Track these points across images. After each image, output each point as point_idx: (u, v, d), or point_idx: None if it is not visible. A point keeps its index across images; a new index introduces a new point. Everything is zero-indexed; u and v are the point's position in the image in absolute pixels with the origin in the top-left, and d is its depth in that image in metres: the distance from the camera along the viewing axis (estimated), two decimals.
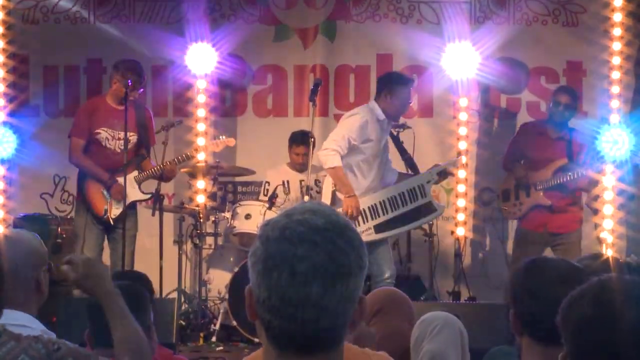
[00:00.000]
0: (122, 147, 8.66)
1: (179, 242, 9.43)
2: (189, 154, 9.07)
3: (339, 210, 7.53)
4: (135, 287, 3.89)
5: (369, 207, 8.26)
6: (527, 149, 9.15)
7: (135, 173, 8.75)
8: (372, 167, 8.33)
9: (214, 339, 8.67)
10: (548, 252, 8.99)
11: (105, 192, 8.66)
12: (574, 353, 2.11)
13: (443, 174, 8.64)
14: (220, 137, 9.43)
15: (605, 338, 2.03)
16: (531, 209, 9.05)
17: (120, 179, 8.62)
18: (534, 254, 8.78)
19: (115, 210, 8.66)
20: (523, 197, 9.11)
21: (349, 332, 1.96)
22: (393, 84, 8.31)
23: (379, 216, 8.25)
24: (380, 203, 8.29)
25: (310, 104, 8.31)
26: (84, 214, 8.68)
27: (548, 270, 3.09)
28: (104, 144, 8.69)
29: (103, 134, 8.69)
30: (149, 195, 8.86)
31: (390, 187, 8.41)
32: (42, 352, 2.84)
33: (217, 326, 8.76)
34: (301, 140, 9.44)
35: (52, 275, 3.58)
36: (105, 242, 8.84)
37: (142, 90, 8.81)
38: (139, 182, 8.72)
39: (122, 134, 8.66)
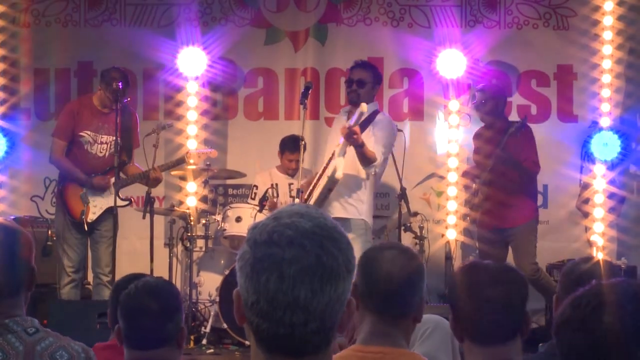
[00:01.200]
0: (104, 152, 8.65)
1: (169, 244, 9.42)
2: (180, 159, 9.05)
3: None
4: (171, 285, 3.82)
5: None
6: (474, 156, 9.23)
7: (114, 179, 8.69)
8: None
9: (204, 341, 8.67)
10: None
11: (83, 196, 8.61)
12: (561, 355, 2.12)
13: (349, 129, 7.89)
14: (206, 148, 9.37)
15: (579, 341, 2.04)
16: (482, 211, 9.05)
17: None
18: (499, 253, 8.81)
19: (92, 215, 8.62)
20: (473, 202, 9.15)
21: (337, 335, 1.96)
22: None
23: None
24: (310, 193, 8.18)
25: (301, 107, 8.29)
26: (63, 216, 8.67)
27: (480, 272, 3.13)
28: (85, 147, 8.64)
29: (86, 137, 8.64)
30: (126, 202, 8.80)
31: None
32: (81, 356, 2.90)
33: (208, 329, 8.76)
34: (294, 147, 9.41)
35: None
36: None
37: (126, 100, 8.76)
38: (118, 189, 8.64)
39: (104, 138, 8.64)
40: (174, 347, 3.61)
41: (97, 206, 8.63)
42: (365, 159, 7.90)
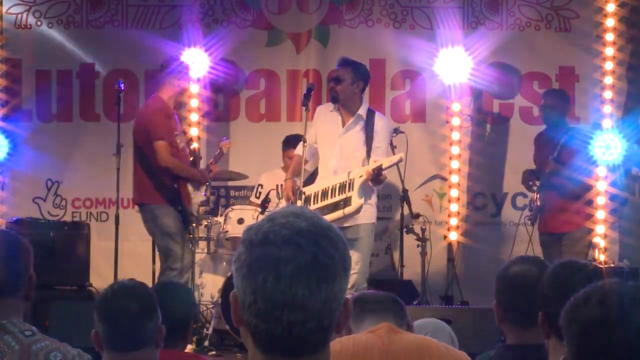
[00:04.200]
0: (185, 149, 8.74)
1: None
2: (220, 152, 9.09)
3: None
4: (146, 285, 3.84)
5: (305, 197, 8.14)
6: (535, 157, 9.20)
7: None
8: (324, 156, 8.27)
9: (206, 343, 8.67)
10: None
11: (191, 191, 8.65)
12: (578, 355, 2.11)
13: (379, 171, 7.91)
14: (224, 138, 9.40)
15: (612, 340, 2.04)
16: (538, 211, 9.05)
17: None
18: (553, 255, 8.78)
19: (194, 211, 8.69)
20: (534, 203, 9.14)
21: (334, 334, 1.96)
22: None
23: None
24: (314, 194, 8.12)
25: (303, 108, 8.29)
26: (179, 217, 8.57)
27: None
28: (181, 146, 8.65)
29: (179, 136, 8.67)
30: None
31: (331, 177, 8.08)
32: (76, 358, 2.92)
33: (210, 331, 8.76)
34: (293, 143, 9.44)
35: None
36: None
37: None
38: None
39: (180, 136, 8.72)
40: (154, 347, 3.64)
41: (195, 203, 8.67)
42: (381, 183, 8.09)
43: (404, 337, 3.26)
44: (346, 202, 7.89)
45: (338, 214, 7.89)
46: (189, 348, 8.38)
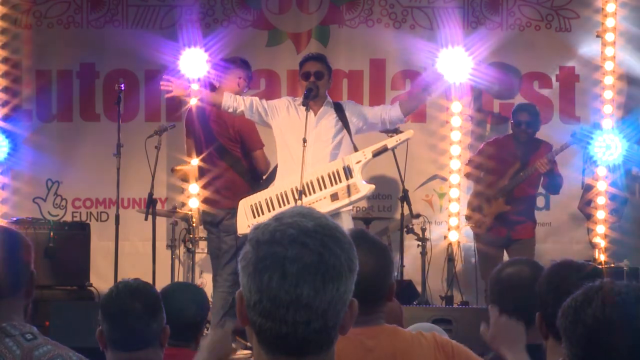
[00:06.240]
0: None
1: (171, 246, 9.42)
2: None
3: None
4: (150, 285, 3.85)
5: (276, 195, 8.01)
6: (489, 163, 9.18)
7: None
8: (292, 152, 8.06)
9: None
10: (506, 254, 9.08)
11: None
12: (582, 356, 2.11)
13: (379, 153, 7.89)
14: None
15: (619, 340, 2.04)
16: (495, 218, 9.07)
17: None
18: (498, 255, 8.88)
19: None
20: (487, 209, 9.13)
21: (339, 335, 1.96)
22: None
23: (285, 205, 7.89)
24: (290, 190, 7.91)
25: (304, 108, 8.28)
26: None
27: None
28: None
29: None
30: None
31: (310, 171, 7.84)
32: None
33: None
34: None
35: None
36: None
37: None
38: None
39: None
40: (158, 347, 3.64)
41: None
42: None
43: (382, 343, 3.24)
44: (350, 189, 7.82)
45: (343, 201, 7.85)
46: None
